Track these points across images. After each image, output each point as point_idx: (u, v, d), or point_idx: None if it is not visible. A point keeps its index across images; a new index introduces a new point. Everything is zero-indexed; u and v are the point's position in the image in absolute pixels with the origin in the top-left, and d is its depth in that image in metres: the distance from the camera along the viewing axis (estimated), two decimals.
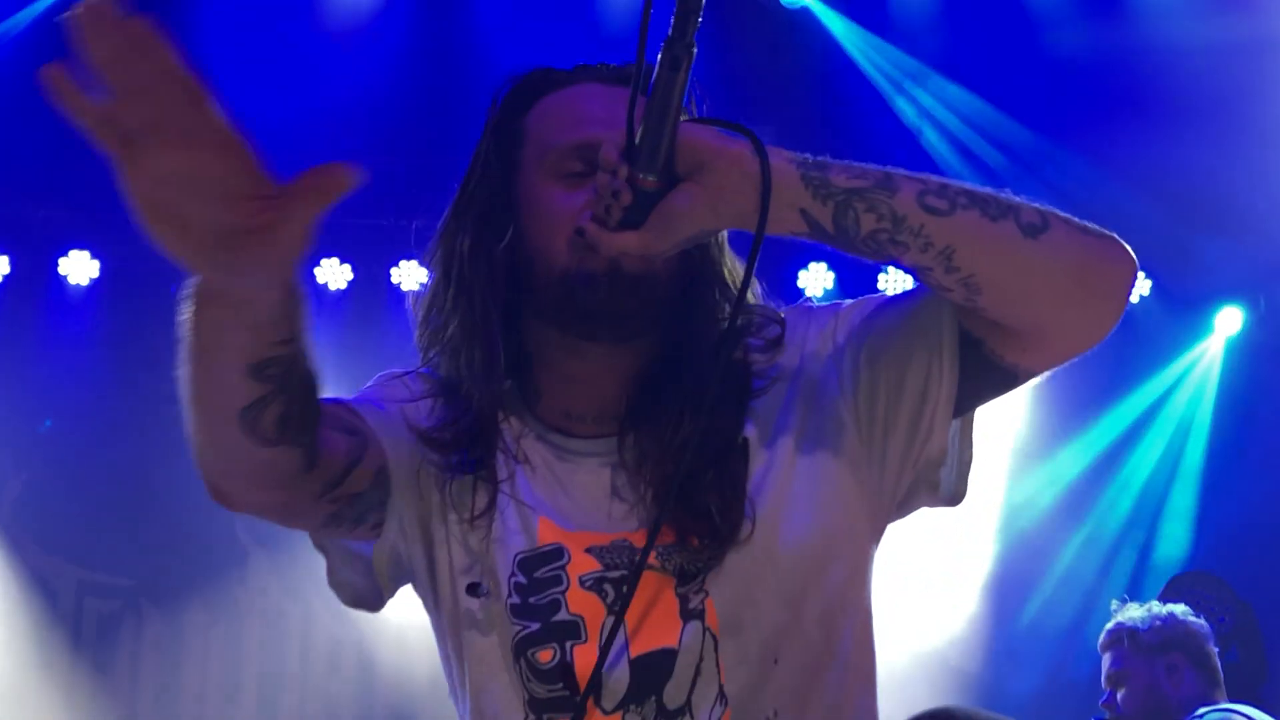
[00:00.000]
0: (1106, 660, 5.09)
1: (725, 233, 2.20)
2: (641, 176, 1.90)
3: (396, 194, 8.80)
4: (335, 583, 2.24)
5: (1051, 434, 9.39)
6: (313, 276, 9.10)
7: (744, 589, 2.03)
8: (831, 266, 9.17)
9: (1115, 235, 2.07)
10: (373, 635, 9.01)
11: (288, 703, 9.31)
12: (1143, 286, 9.13)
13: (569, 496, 2.12)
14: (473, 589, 2.10)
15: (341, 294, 9.17)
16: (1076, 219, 2.03)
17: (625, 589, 2.01)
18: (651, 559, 2.03)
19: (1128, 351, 9.30)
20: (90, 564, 9.27)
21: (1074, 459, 9.38)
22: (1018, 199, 1.99)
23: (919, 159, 8.72)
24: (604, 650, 1.99)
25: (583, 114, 2.13)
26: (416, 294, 2.29)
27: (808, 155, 1.99)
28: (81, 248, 8.90)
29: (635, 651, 2.02)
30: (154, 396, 9.04)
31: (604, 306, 2.04)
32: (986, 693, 8.94)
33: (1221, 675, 4.99)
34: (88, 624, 9.30)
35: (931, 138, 8.80)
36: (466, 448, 2.12)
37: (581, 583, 2.05)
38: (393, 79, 8.46)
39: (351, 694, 9.27)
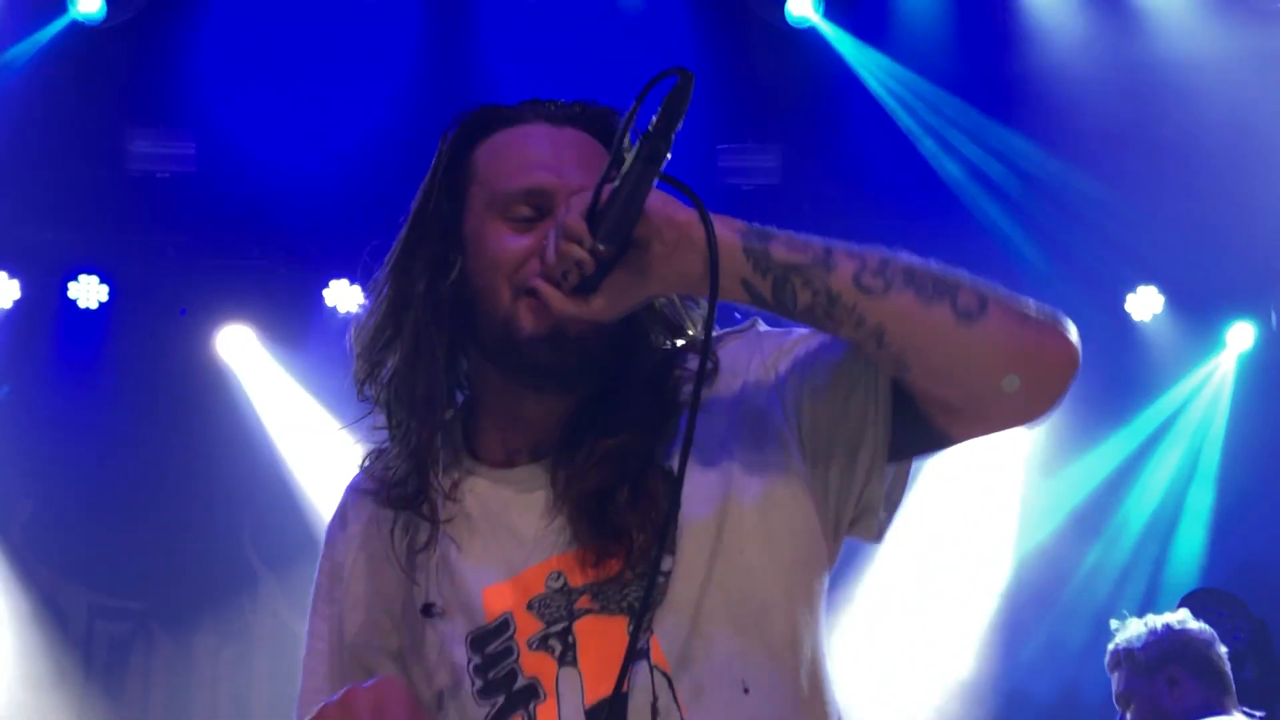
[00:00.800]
0: (1114, 681, 5.07)
1: None
2: (602, 248, 1.92)
3: (403, 215, 8.82)
4: None
5: (1065, 450, 9.37)
6: (323, 299, 9.09)
7: (691, 620, 2.04)
8: None
9: (1061, 323, 2.05)
10: None
11: None
12: (1155, 303, 9.11)
13: (504, 534, 2.15)
14: (427, 609, 2.17)
15: (352, 316, 9.16)
16: (1021, 303, 2.01)
17: (569, 639, 2.05)
18: (586, 602, 2.07)
19: (1140, 367, 9.28)
20: (101, 587, 9.26)
21: (1088, 475, 9.36)
22: (962, 279, 1.99)
23: (926, 178, 8.71)
24: (559, 701, 2.04)
25: (532, 158, 2.16)
26: (356, 323, 2.36)
27: (753, 224, 2.01)
28: (91, 272, 8.91)
29: (589, 701, 2.04)
30: (164, 419, 9.04)
31: (550, 364, 2.08)
32: (1002, 710, 8.91)
33: (1230, 679, 4.94)
34: (99, 646, 9.29)
35: (939, 156, 8.78)
36: (409, 499, 2.22)
37: (529, 645, 2.09)
38: (400, 100, 8.46)
39: None
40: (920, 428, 2.09)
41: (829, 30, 8.47)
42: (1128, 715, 5.00)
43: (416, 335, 2.18)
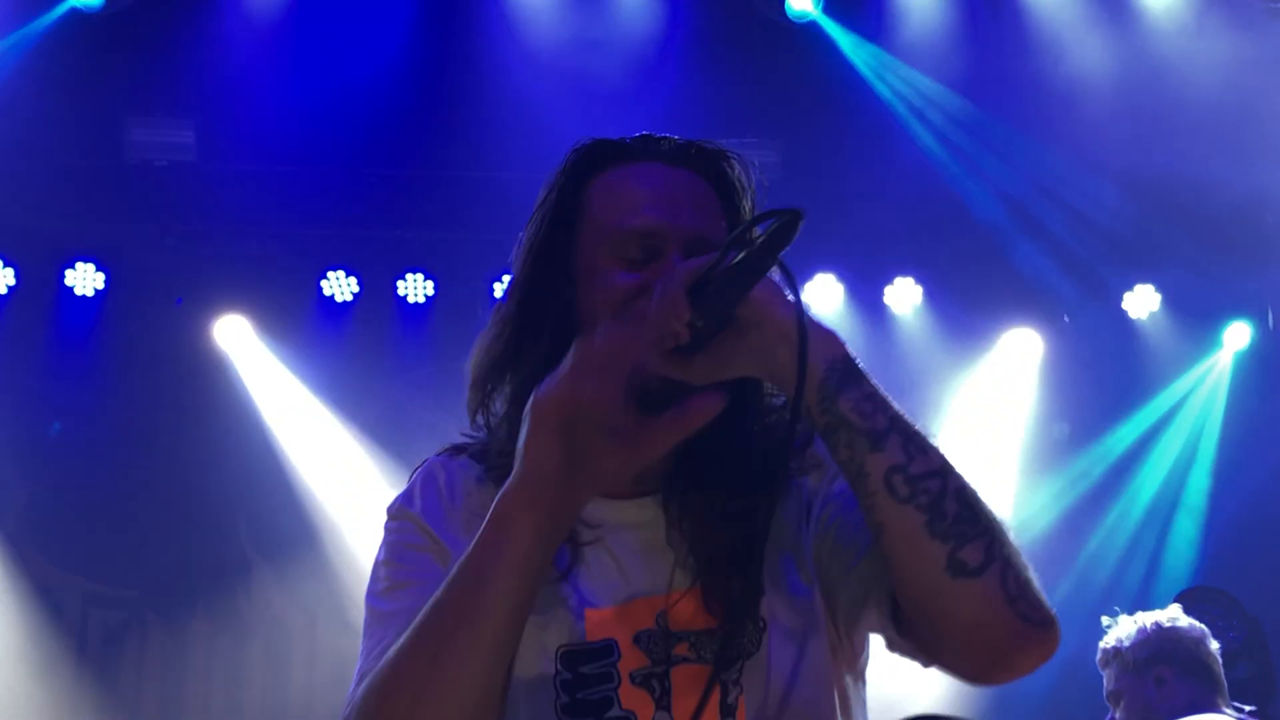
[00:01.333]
0: (1105, 679, 5.06)
1: None
2: (700, 324, 1.93)
3: (403, 207, 8.81)
4: None
5: (1058, 449, 9.38)
6: (319, 289, 9.09)
7: (771, 687, 2.08)
8: (839, 278, 9.16)
9: (1048, 625, 2.03)
10: None
11: (291, 714, 9.28)
12: (1151, 302, 9.13)
13: (608, 564, 2.16)
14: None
15: (348, 306, 9.17)
16: (1024, 586, 1.99)
17: (666, 684, 2.06)
18: (684, 650, 2.08)
19: (1136, 366, 9.30)
20: (95, 575, 9.26)
21: (1082, 473, 9.37)
22: (989, 533, 1.96)
23: (925, 174, 8.71)
24: None
25: (645, 198, 2.15)
26: (477, 351, 2.27)
27: (849, 359, 2.01)
28: (87, 260, 8.90)
29: None
30: (159, 408, 9.04)
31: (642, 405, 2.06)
32: (993, 706, 8.91)
33: (1220, 676, 4.93)
34: (93, 634, 9.28)
35: (939, 153, 8.78)
36: None
37: (632, 679, 2.09)
38: (397, 90, 8.45)
39: None
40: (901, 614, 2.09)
41: (829, 25, 8.47)
42: (1117, 713, 5.00)
43: (524, 368, 2.16)
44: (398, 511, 2.25)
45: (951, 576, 1.92)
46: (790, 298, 1.96)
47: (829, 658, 2.13)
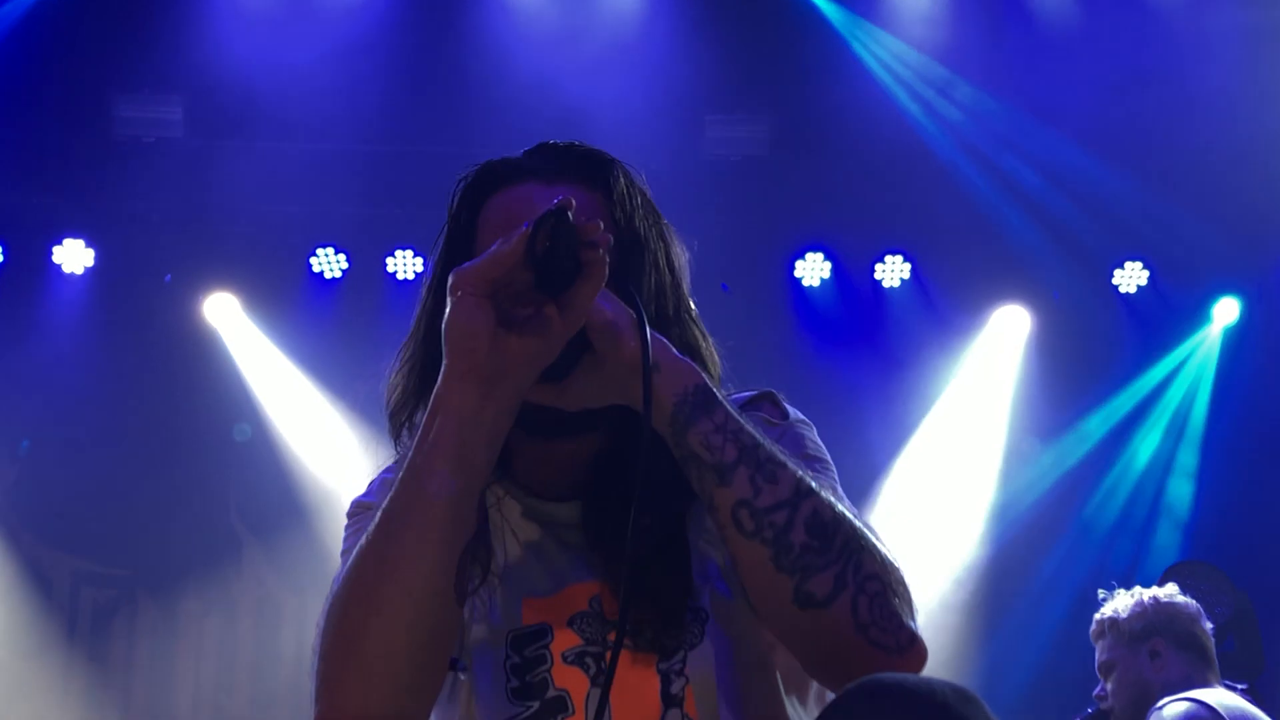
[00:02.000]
0: (1098, 650, 5.09)
1: (691, 308, 2.25)
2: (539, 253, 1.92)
3: (393, 183, 8.79)
4: None
5: (1048, 422, 9.39)
6: (308, 266, 9.08)
7: (718, 677, 2.09)
8: (828, 256, 9.16)
9: (908, 645, 1.99)
10: None
11: (282, 692, 9.29)
12: (1140, 276, 9.14)
13: (540, 558, 2.19)
14: (451, 664, 2.13)
15: (337, 283, 9.16)
16: (880, 607, 1.95)
17: (605, 664, 2.05)
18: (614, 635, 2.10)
19: (1125, 341, 9.31)
20: (86, 553, 9.26)
21: (1071, 448, 9.39)
22: (838, 556, 1.94)
23: (915, 149, 8.71)
24: None
25: (512, 223, 2.07)
26: (389, 386, 2.36)
27: (698, 385, 2.00)
28: (76, 236, 8.88)
29: None
30: (149, 386, 9.03)
31: (531, 428, 2.08)
32: (980, 683, 8.94)
33: (1213, 653, 4.96)
34: (83, 613, 9.29)
35: (929, 128, 8.78)
36: None
37: (564, 658, 2.12)
38: (385, 66, 8.43)
39: None
40: None
41: (821, 1, 8.46)
42: (1108, 684, 5.02)
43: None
44: (355, 508, 2.29)
45: (799, 607, 1.93)
46: (638, 331, 1.96)
47: (769, 649, 2.14)
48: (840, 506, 1.98)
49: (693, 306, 2.25)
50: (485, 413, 1.91)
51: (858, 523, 1.99)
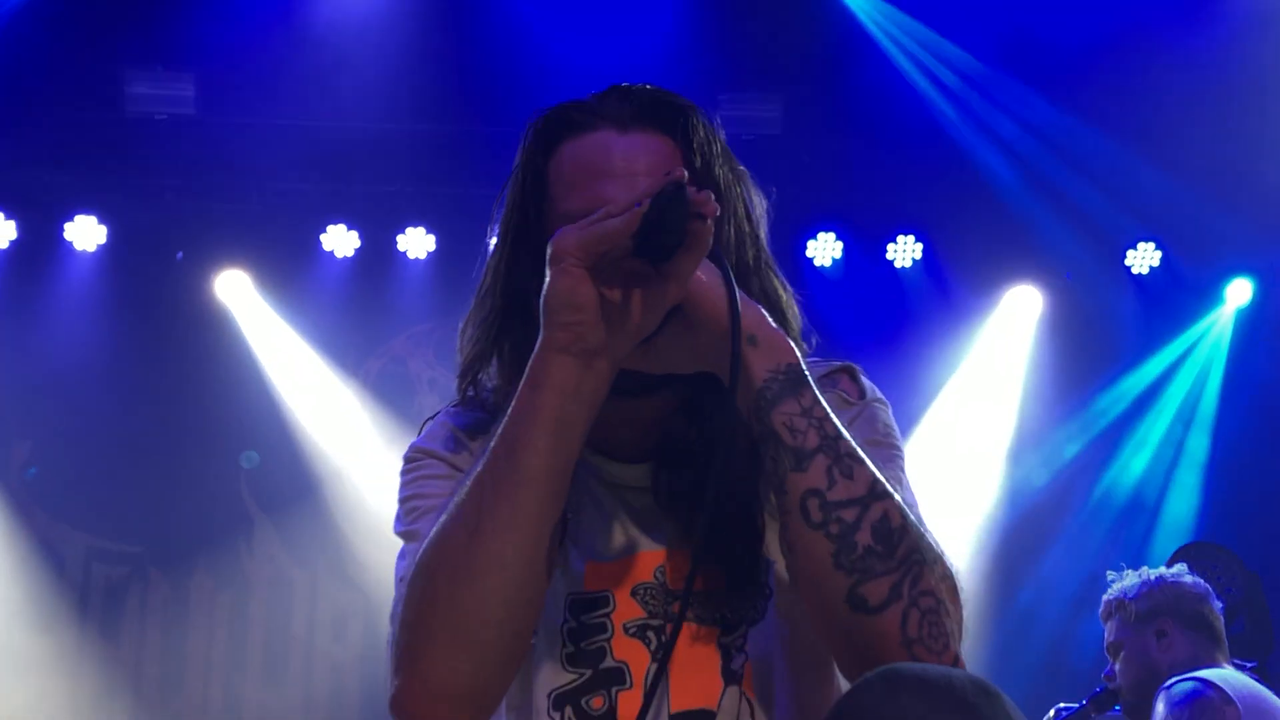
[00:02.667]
0: (1107, 630, 5.09)
1: (769, 259, 2.22)
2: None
3: (404, 161, 8.78)
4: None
5: (1061, 401, 9.39)
6: (320, 244, 9.08)
7: (776, 655, 2.07)
8: (840, 236, 9.15)
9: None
10: (378, 602, 9.01)
11: (293, 669, 9.32)
12: (1153, 257, 9.12)
13: (608, 520, 2.14)
14: None
15: (348, 261, 9.15)
16: (930, 625, 1.90)
17: (665, 639, 2.04)
18: (679, 607, 2.06)
19: (1138, 322, 9.29)
20: (98, 530, 9.28)
21: (1084, 427, 9.38)
22: (899, 565, 1.89)
23: (929, 129, 8.68)
24: (648, 697, 2.02)
25: (589, 175, 2.08)
26: (463, 333, 2.24)
27: (790, 365, 1.96)
28: (88, 213, 8.88)
29: (675, 707, 2.04)
30: (161, 363, 9.04)
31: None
32: (992, 663, 8.94)
33: (1222, 633, 4.95)
34: (95, 589, 9.31)
35: (943, 107, 8.75)
36: None
37: (625, 629, 2.08)
38: (399, 44, 8.41)
39: (356, 659, 9.29)
40: None
41: None
42: (1116, 665, 5.02)
43: (516, 335, 2.11)
44: (415, 453, 2.23)
45: (850, 609, 1.88)
46: (734, 303, 1.92)
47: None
48: (910, 514, 1.94)
49: (770, 257, 2.21)
50: (585, 386, 1.88)
51: (926, 532, 1.95)
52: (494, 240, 2.22)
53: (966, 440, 9.37)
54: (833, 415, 1.94)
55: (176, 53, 8.45)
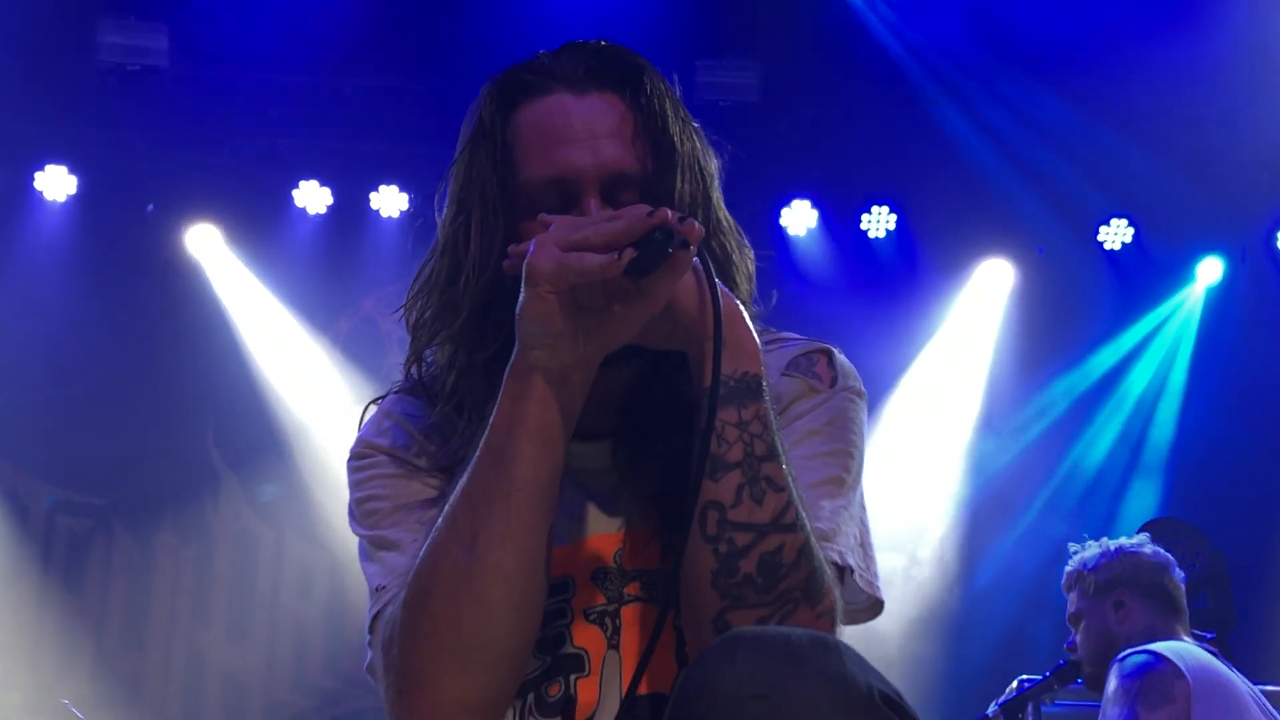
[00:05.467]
0: (1069, 602, 5.10)
1: (725, 217, 2.19)
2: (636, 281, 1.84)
3: (379, 118, 8.74)
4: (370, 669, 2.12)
5: (1031, 376, 9.42)
6: (292, 200, 9.03)
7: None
8: (815, 204, 9.14)
9: None
10: (344, 560, 9.01)
11: (257, 625, 9.31)
12: (1125, 234, 9.14)
13: (566, 509, 2.09)
14: None
15: (321, 218, 9.11)
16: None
17: (617, 621, 2.04)
18: (635, 590, 2.06)
19: (1109, 298, 9.32)
20: (63, 482, 9.24)
21: (1051, 403, 9.42)
22: (774, 601, 1.85)
23: (905, 101, 8.68)
24: (604, 685, 2.01)
25: (550, 140, 2.04)
26: (410, 301, 2.19)
27: (747, 374, 1.91)
28: (58, 163, 8.82)
29: (624, 690, 2.01)
30: (130, 315, 8.99)
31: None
32: (954, 640, 8.99)
33: (1182, 604, 4.96)
34: (59, 541, 9.27)
35: (920, 80, 8.75)
36: None
37: (585, 615, 2.06)
38: (380, 1, 8.37)
39: (321, 617, 9.28)
40: None
41: None
42: (1077, 635, 5.04)
43: (477, 295, 2.07)
44: (364, 448, 2.18)
45: (714, 632, 1.85)
46: (717, 306, 1.88)
47: None
48: (813, 552, 1.88)
49: (726, 215, 2.18)
50: (564, 398, 1.86)
51: (822, 572, 1.89)
52: (447, 208, 2.18)
53: (935, 412, 9.39)
54: (773, 434, 1.89)
55: (150, 3, 8.38)
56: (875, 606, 2.10)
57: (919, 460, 9.27)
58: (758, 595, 1.85)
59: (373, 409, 2.25)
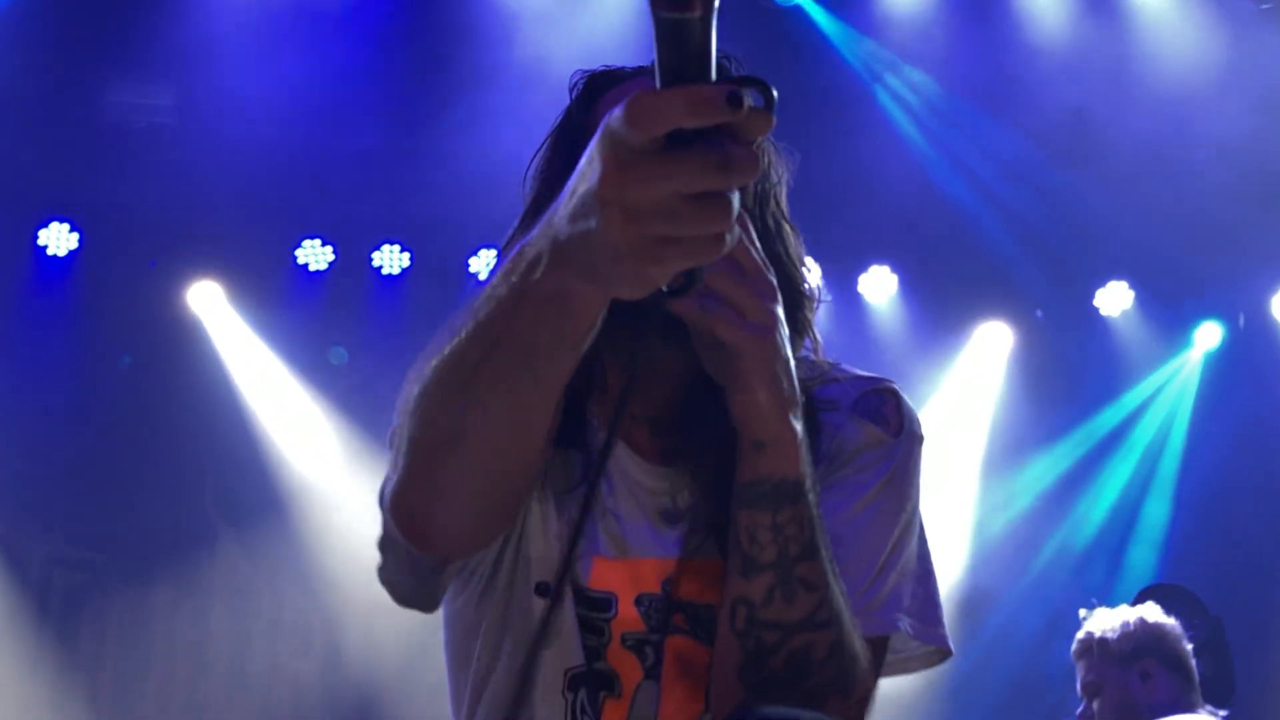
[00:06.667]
0: (1080, 670, 5.04)
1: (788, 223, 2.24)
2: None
3: (381, 177, 8.77)
4: (386, 580, 2.09)
5: (1026, 442, 9.40)
6: (294, 258, 9.06)
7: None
8: (814, 264, 9.15)
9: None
10: (341, 617, 8.98)
11: (254, 683, 9.27)
12: (1125, 299, 9.16)
13: (625, 517, 2.07)
14: (541, 589, 2.04)
15: (322, 275, 9.13)
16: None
17: (659, 653, 2.00)
18: (682, 622, 2.03)
19: (1107, 362, 9.32)
20: (60, 536, 9.22)
21: (1051, 465, 9.40)
22: (811, 691, 1.84)
23: (905, 163, 8.71)
24: (635, 714, 2.00)
25: None
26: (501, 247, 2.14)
27: (782, 475, 1.86)
28: (61, 219, 8.85)
29: None
30: (130, 371, 9.00)
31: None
32: (953, 702, 8.94)
33: (1196, 676, 4.94)
34: (55, 596, 9.24)
35: (920, 142, 8.78)
36: (565, 430, 1.99)
37: (623, 640, 2.04)
38: (376, 59, 8.42)
39: (318, 674, 9.24)
40: None
41: (813, 9, 8.45)
42: (1094, 705, 4.99)
43: None
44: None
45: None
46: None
47: None
48: (845, 647, 1.86)
49: (792, 225, 2.21)
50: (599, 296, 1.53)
51: (855, 663, 1.88)
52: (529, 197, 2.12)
53: (932, 476, 9.36)
54: (812, 532, 1.85)
55: (157, 62, 8.44)
56: (934, 655, 2.12)
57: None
58: (785, 692, 1.83)
59: None
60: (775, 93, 1.38)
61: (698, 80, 1.27)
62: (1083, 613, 5.12)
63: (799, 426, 1.87)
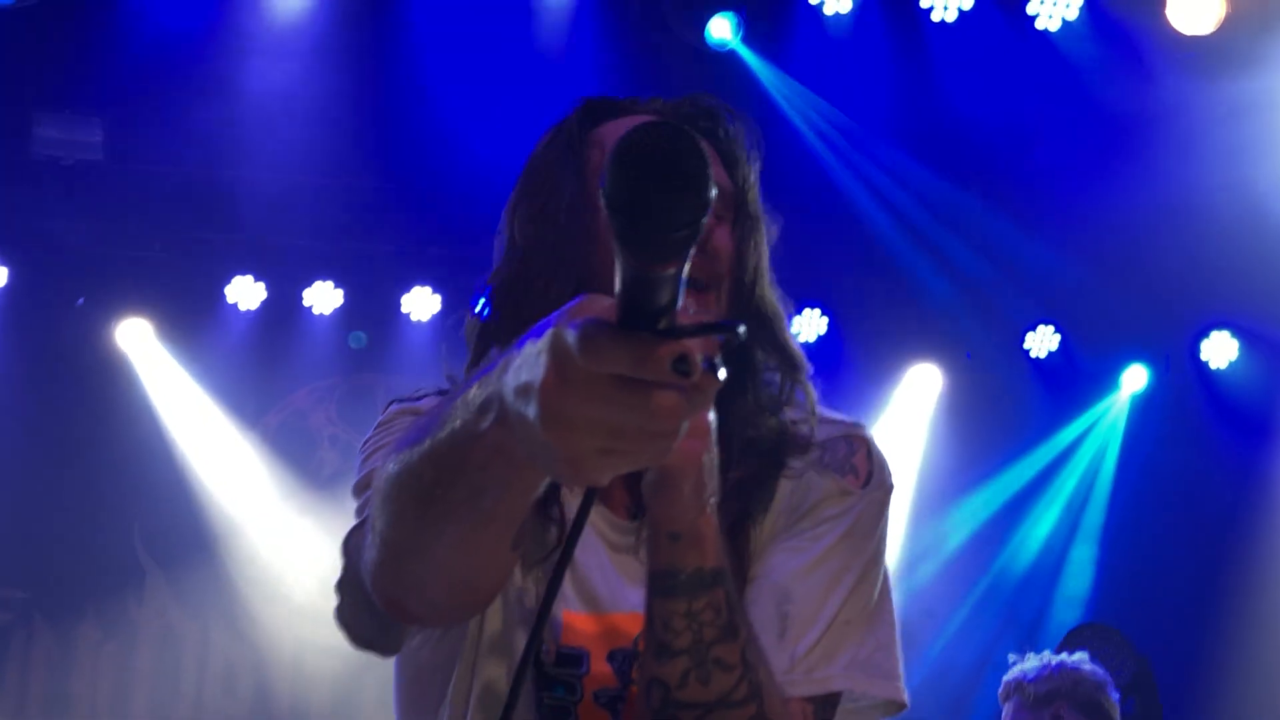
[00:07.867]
0: (1005, 712, 5.11)
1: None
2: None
3: (313, 215, 8.75)
4: (344, 621, 2.01)
5: (959, 481, 9.46)
6: (224, 296, 8.99)
7: None
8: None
9: None
10: (269, 659, 8.91)
11: None
12: (1051, 342, 9.24)
13: (597, 571, 2.06)
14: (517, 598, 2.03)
15: (253, 314, 9.08)
16: None
17: (624, 707, 1.99)
18: None
19: (1033, 405, 9.41)
20: None
21: (979, 507, 9.46)
22: None
23: (836, 207, 8.77)
24: None
25: None
26: (491, 277, 2.11)
27: (696, 566, 1.83)
28: None
29: None
30: (58, 409, 8.91)
31: None
32: None
33: None
34: None
35: (852, 186, 8.84)
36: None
37: (595, 698, 2.02)
38: (308, 98, 8.39)
39: (247, 715, 9.15)
40: None
41: (748, 55, 8.49)
42: None
43: (547, 293, 1.99)
44: (399, 414, 2.12)
45: None
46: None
47: None
48: (770, 710, 1.85)
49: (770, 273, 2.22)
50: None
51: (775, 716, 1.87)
52: (520, 216, 2.10)
53: None
54: (729, 615, 1.84)
55: (86, 98, 8.38)
56: (888, 706, 2.11)
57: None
58: None
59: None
60: (743, 330, 1.31)
61: (653, 326, 1.24)
62: (1012, 657, 5.19)
63: (715, 520, 1.85)
